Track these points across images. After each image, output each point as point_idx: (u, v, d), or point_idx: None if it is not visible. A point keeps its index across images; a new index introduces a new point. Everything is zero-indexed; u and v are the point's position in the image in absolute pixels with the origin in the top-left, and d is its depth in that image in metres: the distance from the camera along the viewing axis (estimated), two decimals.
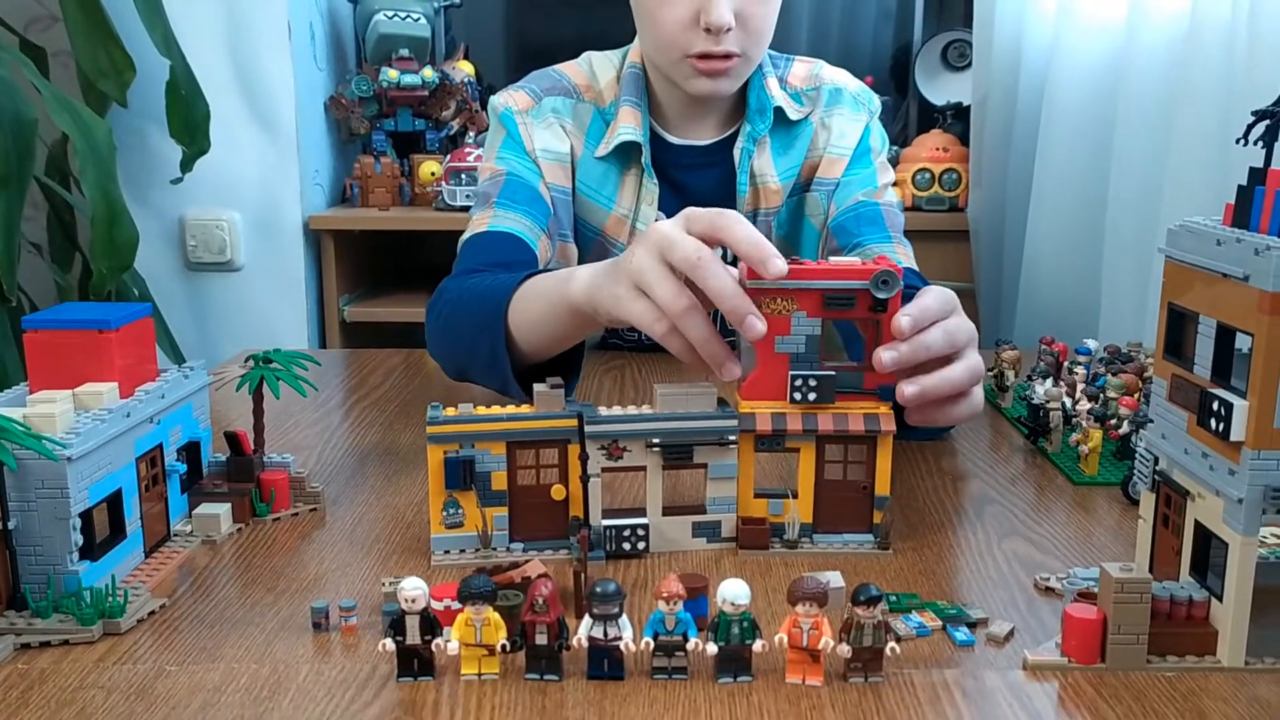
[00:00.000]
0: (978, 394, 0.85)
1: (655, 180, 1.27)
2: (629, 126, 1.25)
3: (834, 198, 1.27)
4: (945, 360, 0.81)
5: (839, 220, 1.26)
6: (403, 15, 2.24)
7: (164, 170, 2.09)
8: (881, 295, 0.77)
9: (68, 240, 2.14)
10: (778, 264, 0.75)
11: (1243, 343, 0.62)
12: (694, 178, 1.29)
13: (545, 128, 1.27)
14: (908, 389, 0.78)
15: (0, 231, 1.70)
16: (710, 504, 0.80)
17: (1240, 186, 0.64)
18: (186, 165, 2.02)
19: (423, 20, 2.27)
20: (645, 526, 0.79)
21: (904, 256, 1.23)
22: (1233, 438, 0.60)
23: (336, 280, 2.26)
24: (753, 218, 1.29)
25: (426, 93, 2.30)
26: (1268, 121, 0.66)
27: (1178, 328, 0.68)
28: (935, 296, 0.81)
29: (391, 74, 2.25)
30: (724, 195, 1.28)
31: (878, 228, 1.23)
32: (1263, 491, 0.60)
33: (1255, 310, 0.59)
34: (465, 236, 1.23)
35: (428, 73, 2.27)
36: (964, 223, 2.22)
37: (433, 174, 2.28)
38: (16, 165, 1.70)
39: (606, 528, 0.78)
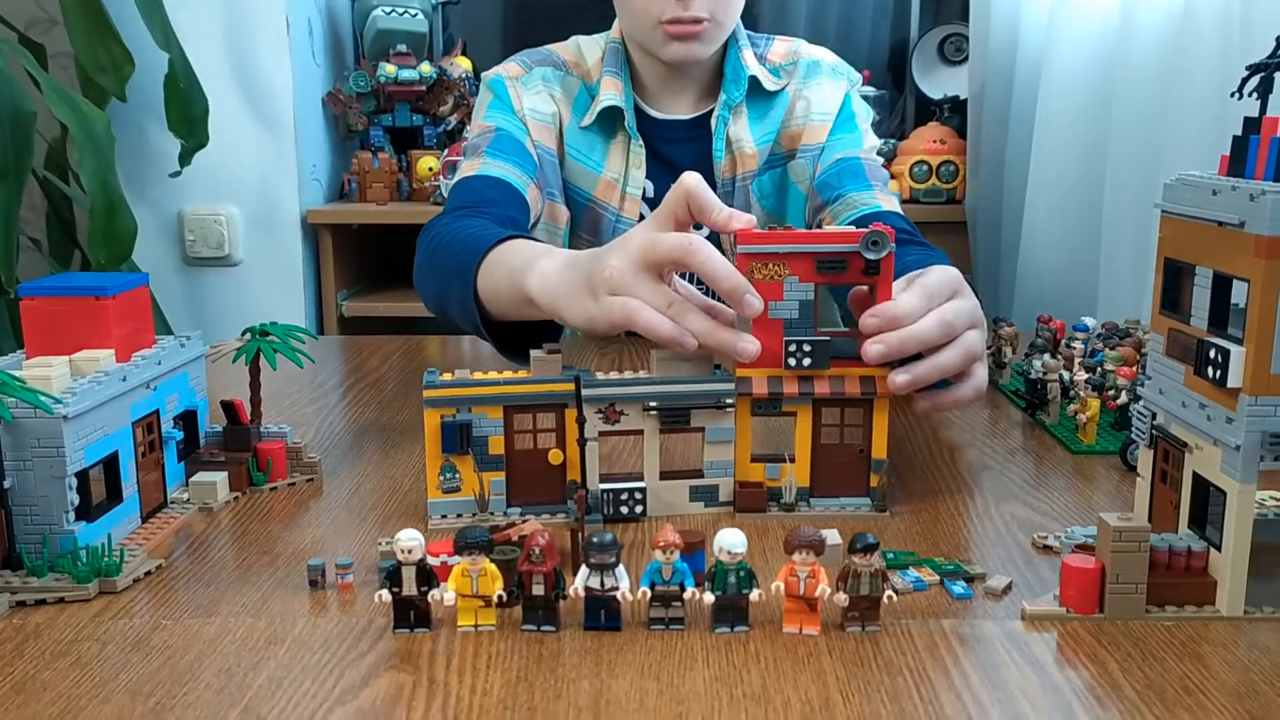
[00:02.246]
0: (980, 372, 0.82)
1: (641, 143, 1.29)
2: (610, 94, 1.28)
3: (819, 160, 1.29)
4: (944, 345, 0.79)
5: (822, 177, 1.27)
6: (400, 10, 2.25)
7: (163, 165, 2.10)
8: (872, 256, 0.77)
9: (66, 236, 2.14)
10: (754, 301, 0.75)
11: (1239, 295, 0.62)
12: (677, 150, 1.32)
13: (534, 93, 1.30)
14: (899, 378, 0.77)
15: None
16: (708, 468, 0.80)
17: (1235, 137, 0.64)
18: (185, 159, 2.02)
19: (420, 16, 2.28)
20: (643, 490, 0.79)
21: (886, 203, 1.23)
22: (1230, 384, 0.60)
23: (335, 275, 2.26)
24: (731, 184, 1.31)
25: (424, 88, 2.30)
26: (1262, 74, 0.66)
27: (1174, 282, 0.68)
28: (938, 278, 0.80)
29: (389, 69, 2.25)
30: (703, 166, 1.30)
31: (858, 179, 1.24)
32: (1260, 438, 0.60)
33: (1251, 255, 0.59)
34: (454, 180, 1.24)
35: (425, 68, 2.28)
36: (961, 214, 2.23)
37: (430, 169, 2.28)
38: (14, 158, 1.71)
39: (604, 491, 0.78)
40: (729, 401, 0.79)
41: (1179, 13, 1.61)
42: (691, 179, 0.80)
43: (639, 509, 0.79)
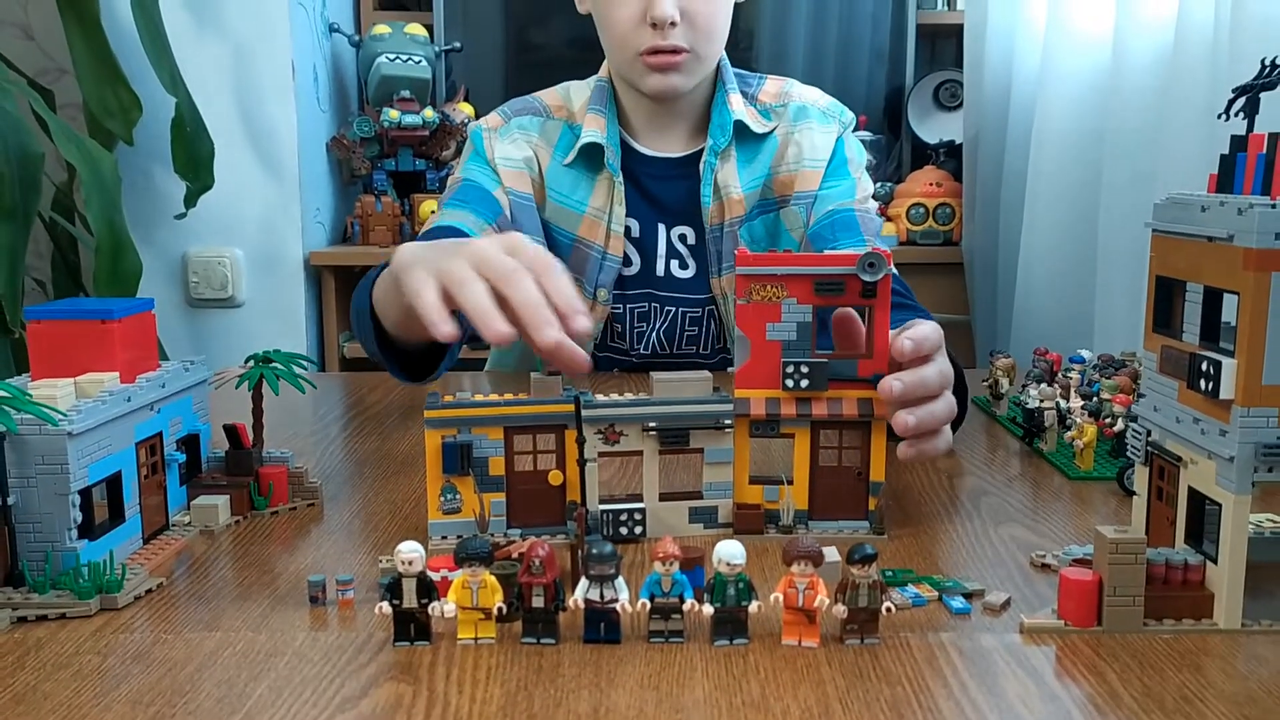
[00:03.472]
0: (948, 431, 0.85)
1: (621, 180, 1.31)
2: (593, 130, 1.30)
3: (813, 209, 1.30)
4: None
5: (815, 228, 1.28)
6: (405, 57, 2.29)
7: (168, 208, 2.12)
8: (868, 279, 0.78)
9: (71, 278, 2.16)
10: (582, 321, 0.74)
11: (1229, 310, 0.63)
12: (664, 188, 1.34)
13: (509, 142, 1.33)
14: (909, 418, 0.79)
15: (5, 262, 1.72)
16: (707, 489, 0.80)
17: (1222, 155, 0.66)
18: (190, 201, 2.04)
19: (424, 62, 2.31)
20: (642, 511, 0.79)
21: None
22: (1222, 396, 0.61)
23: (336, 316, 2.27)
24: (719, 229, 1.32)
25: (427, 133, 2.33)
26: (1248, 95, 0.68)
27: (1166, 299, 0.69)
28: (932, 328, 0.83)
29: (393, 114, 2.28)
30: (691, 206, 1.32)
31: (852, 231, 1.26)
32: (1254, 448, 0.61)
33: (1240, 268, 0.60)
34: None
35: (428, 113, 2.31)
36: (958, 256, 2.25)
37: (433, 212, 2.31)
38: (22, 198, 1.73)
39: (604, 512, 0.79)
40: (728, 423, 0.79)
41: (1166, 62, 1.64)
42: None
43: (639, 529, 0.79)
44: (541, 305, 0.74)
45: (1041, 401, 1.03)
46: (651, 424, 0.79)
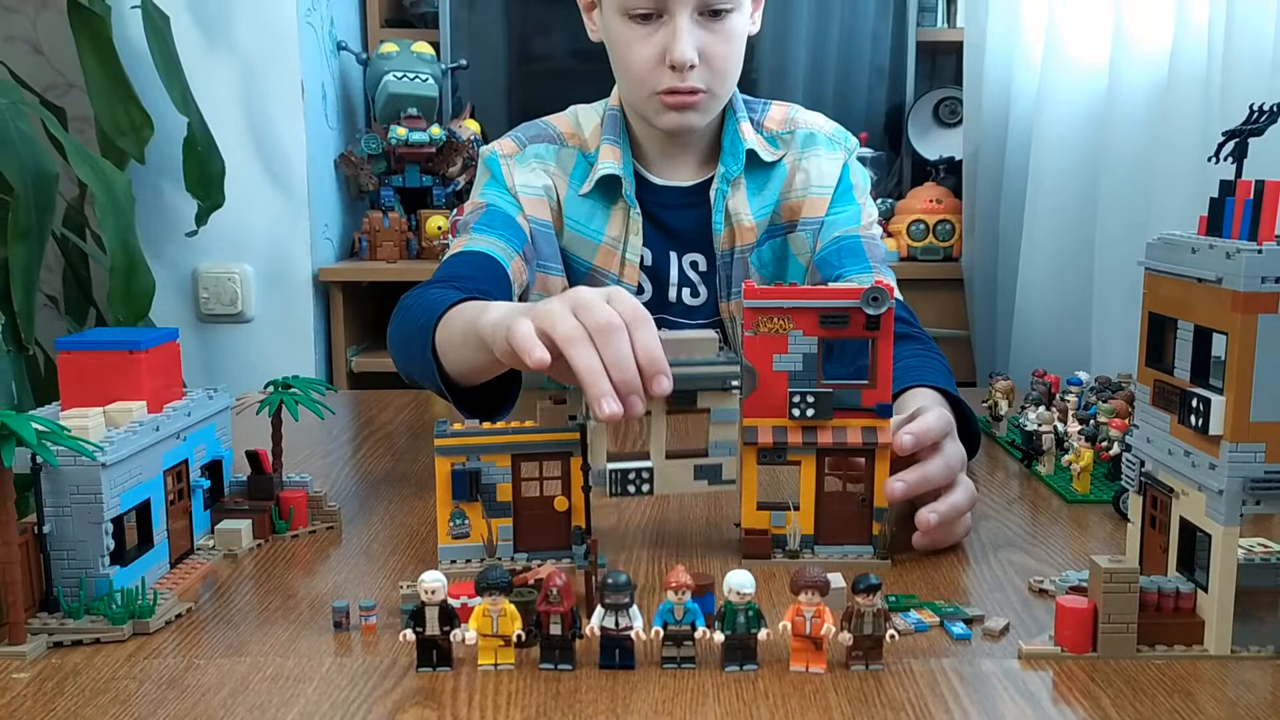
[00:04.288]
0: (968, 518, 0.88)
1: (639, 210, 1.32)
2: (609, 162, 1.31)
3: (819, 235, 1.32)
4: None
5: (821, 254, 1.30)
6: (412, 76, 2.32)
7: (179, 225, 2.15)
8: (872, 312, 0.80)
9: (82, 293, 2.18)
10: (664, 383, 0.76)
11: (1219, 347, 0.66)
12: (676, 217, 1.35)
13: (527, 169, 1.34)
14: (931, 516, 0.82)
15: (20, 282, 1.75)
16: (713, 448, 0.82)
17: (1212, 199, 0.69)
18: (201, 219, 2.07)
19: (431, 81, 2.34)
20: (649, 469, 0.81)
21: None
22: (1211, 432, 0.64)
23: (344, 331, 2.30)
24: (730, 255, 1.34)
25: (434, 150, 2.36)
26: (1236, 139, 0.70)
27: (1158, 335, 0.71)
28: (937, 416, 0.86)
29: (400, 132, 2.31)
30: (703, 233, 1.34)
31: (858, 258, 1.27)
32: (1242, 483, 0.63)
33: (1229, 310, 0.63)
34: (443, 259, 1.28)
35: (435, 131, 2.34)
36: (958, 272, 2.27)
37: (439, 228, 2.34)
38: (37, 218, 1.76)
39: (611, 471, 0.80)
40: (734, 383, 0.81)
41: (1163, 79, 1.67)
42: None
43: (646, 487, 0.81)
44: (627, 364, 0.75)
45: (1040, 425, 1.06)
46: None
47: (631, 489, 0.81)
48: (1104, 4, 1.85)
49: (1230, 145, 0.70)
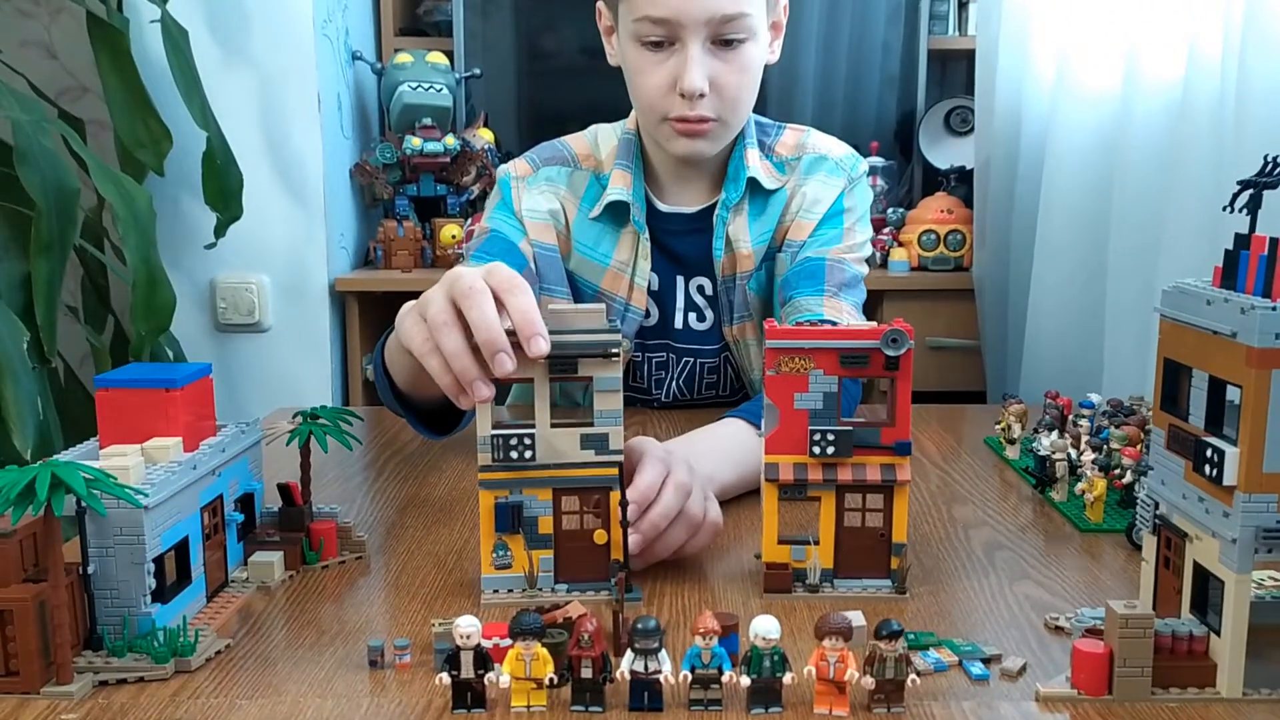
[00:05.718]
0: (698, 508, 0.89)
1: (647, 235, 1.34)
2: (618, 188, 1.33)
3: (796, 256, 1.33)
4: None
5: (785, 275, 1.32)
6: (426, 86, 2.34)
7: (197, 236, 2.17)
8: (891, 353, 0.82)
9: (101, 303, 2.21)
10: (540, 344, 0.78)
11: (1233, 394, 0.67)
12: (682, 242, 1.37)
13: (536, 193, 1.36)
14: (635, 538, 0.84)
15: (42, 296, 1.77)
16: (598, 417, 0.83)
17: (1227, 251, 0.70)
18: (220, 231, 2.09)
19: (445, 91, 2.36)
20: (531, 435, 0.82)
21: (831, 310, 1.26)
22: (1225, 482, 0.65)
23: (360, 340, 2.32)
24: (730, 280, 1.36)
25: (448, 159, 2.38)
26: (1251, 190, 0.72)
27: (1174, 381, 0.73)
28: (674, 491, 0.86)
29: (415, 141, 2.33)
30: (707, 258, 1.36)
31: (815, 281, 1.28)
32: (1254, 532, 0.65)
33: (1243, 364, 0.65)
34: None
35: (449, 140, 2.36)
36: (969, 282, 2.29)
37: (453, 237, 2.36)
38: (59, 233, 1.78)
39: (494, 437, 0.82)
40: (614, 351, 0.82)
41: (1176, 100, 1.68)
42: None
43: (528, 453, 0.82)
44: (489, 324, 0.78)
45: (1053, 452, 1.07)
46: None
47: (514, 455, 0.82)
48: (1117, 29, 1.87)
49: (1245, 196, 0.72)
